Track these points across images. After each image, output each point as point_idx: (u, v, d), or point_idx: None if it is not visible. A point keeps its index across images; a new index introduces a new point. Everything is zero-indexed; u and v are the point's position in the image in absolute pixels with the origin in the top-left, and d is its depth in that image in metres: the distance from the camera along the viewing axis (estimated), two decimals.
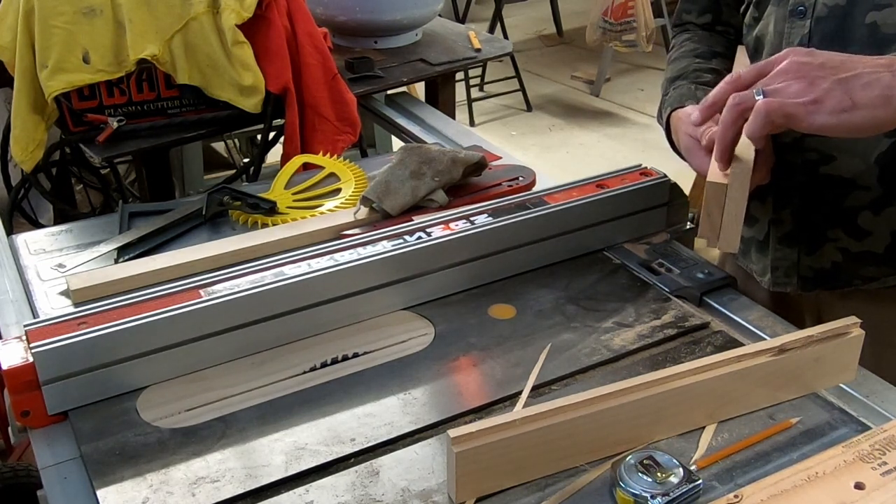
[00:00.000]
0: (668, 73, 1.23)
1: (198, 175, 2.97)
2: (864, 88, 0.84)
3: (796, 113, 0.85)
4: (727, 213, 0.92)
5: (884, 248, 1.07)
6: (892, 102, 0.84)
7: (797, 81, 0.86)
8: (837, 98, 0.84)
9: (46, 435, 0.92)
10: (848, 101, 0.84)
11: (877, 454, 0.79)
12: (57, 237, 1.30)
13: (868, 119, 0.84)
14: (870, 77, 0.84)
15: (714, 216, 0.92)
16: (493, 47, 2.32)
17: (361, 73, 2.04)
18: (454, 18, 5.09)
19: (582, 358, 1.01)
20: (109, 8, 1.69)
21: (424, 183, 1.27)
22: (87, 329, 0.93)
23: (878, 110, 0.84)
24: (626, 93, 5.05)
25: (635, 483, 0.79)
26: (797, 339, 0.88)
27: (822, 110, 0.84)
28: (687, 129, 1.06)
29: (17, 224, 2.19)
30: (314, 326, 1.05)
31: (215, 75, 1.77)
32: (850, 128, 0.85)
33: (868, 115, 0.84)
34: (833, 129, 0.86)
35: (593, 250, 1.22)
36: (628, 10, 4.60)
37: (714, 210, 0.92)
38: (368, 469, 0.86)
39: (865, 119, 0.84)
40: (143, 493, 0.83)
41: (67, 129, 1.77)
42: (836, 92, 0.84)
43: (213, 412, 0.93)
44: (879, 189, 1.04)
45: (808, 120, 0.85)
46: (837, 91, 0.84)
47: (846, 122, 0.84)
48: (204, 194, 1.33)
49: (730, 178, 0.91)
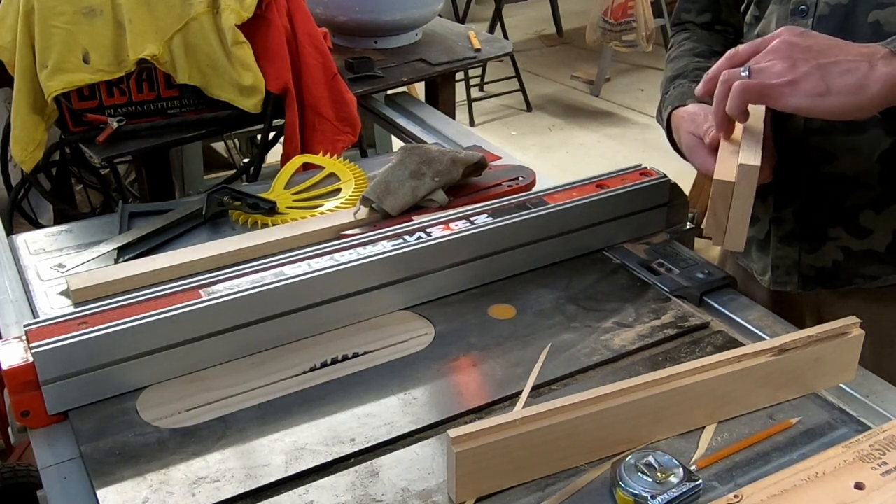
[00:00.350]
0: (667, 72, 1.23)
1: (198, 175, 2.97)
2: (841, 76, 0.86)
3: (771, 94, 0.88)
4: (734, 212, 0.91)
5: (885, 247, 1.07)
6: (865, 92, 0.86)
7: (781, 61, 0.89)
8: (814, 82, 0.87)
9: (46, 435, 0.92)
10: (823, 86, 0.87)
11: (877, 454, 0.79)
12: (57, 237, 1.30)
13: (840, 105, 0.87)
14: (849, 65, 0.87)
15: (720, 215, 0.92)
16: (493, 47, 2.32)
17: (361, 73, 2.04)
18: (454, 18, 5.09)
19: (582, 358, 1.01)
20: (109, 8, 1.69)
21: (424, 183, 1.27)
22: (87, 329, 0.93)
23: (851, 97, 0.86)
24: (626, 93, 5.04)
25: (635, 483, 0.79)
26: (797, 339, 0.88)
27: (797, 92, 0.87)
28: (689, 127, 1.06)
29: (17, 224, 2.19)
30: (314, 326, 1.05)
31: (215, 75, 1.77)
32: (822, 112, 0.88)
33: (841, 101, 0.87)
34: (806, 111, 0.89)
35: (593, 250, 1.22)
36: (628, 10, 4.60)
37: (720, 208, 0.92)
38: (368, 469, 0.86)
39: (837, 105, 0.87)
40: (143, 493, 0.83)
41: (67, 129, 1.77)
42: (813, 76, 0.87)
43: (213, 412, 0.93)
44: (881, 188, 1.04)
45: (782, 100, 0.88)
46: (815, 75, 0.87)
47: (819, 106, 0.87)
48: (204, 194, 1.33)
49: (737, 176, 0.90)
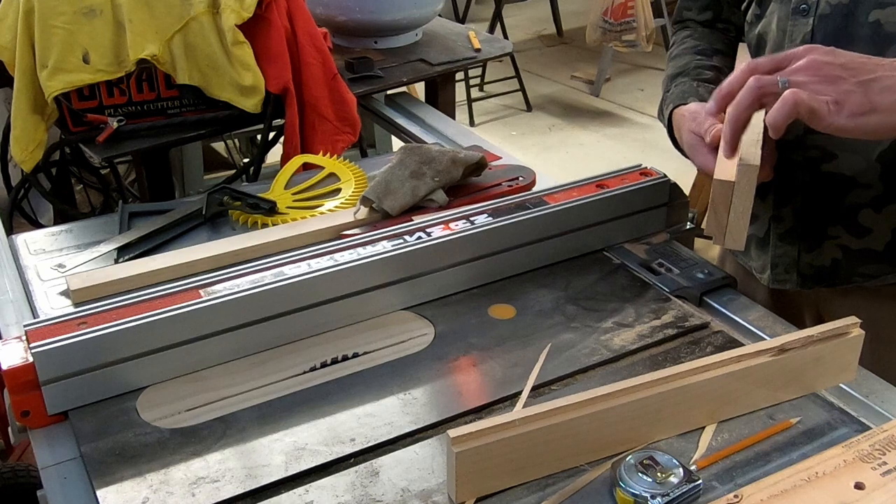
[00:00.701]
0: (668, 70, 1.23)
1: (198, 175, 2.97)
2: (882, 92, 0.85)
3: (820, 110, 0.85)
4: (734, 211, 0.91)
5: (884, 246, 1.07)
6: None
7: (819, 79, 0.86)
8: (858, 101, 0.85)
9: (46, 435, 0.92)
10: (867, 104, 0.85)
11: (877, 454, 0.79)
12: (57, 237, 1.30)
13: (883, 123, 0.85)
14: (889, 81, 0.85)
15: (721, 214, 0.92)
16: (493, 47, 2.32)
17: (361, 73, 2.04)
18: (454, 18, 5.10)
19: (582, 358, 1.00)
20: (109, 8, 1.69)
21: (424, 183, 1.27)
22: (87, 329, 0.93)
23: (894, 115, 0.85)
24: (626, 93, 5.04)
25: (635, 483, 0.79)
26: (797, 339, 0.88)
27: (843, 112, 0.85)
28: (690, 126, 1.05)
29: (17, 224, 2.19)
30: (314, 326, 1.05)
31: (215, 75, 1.77)
32: (866, 131, 0.86)
33: (884, 119, 0.85)
34: (850, 132, 0.86)
35: (593, 250, 1.22)
36: (628, 10, 4.60)
37: (721, 208, 0.92)
38: (368, 469, 0.86)
39: (881, 123, 0.85)
40: (143, 493, 0.83)
41: (67, 129, 1.77)
42: (856, 94, 0.85)
43: (213, 412, 0.93)
44: (881, 187, 1.04)
45: (828, 119, 0.86)
46: (858, 93, 0.85)
47: (863, 125, 0.85)
48: (204, 194, 1.33)
49: (737, 175, 0.90)
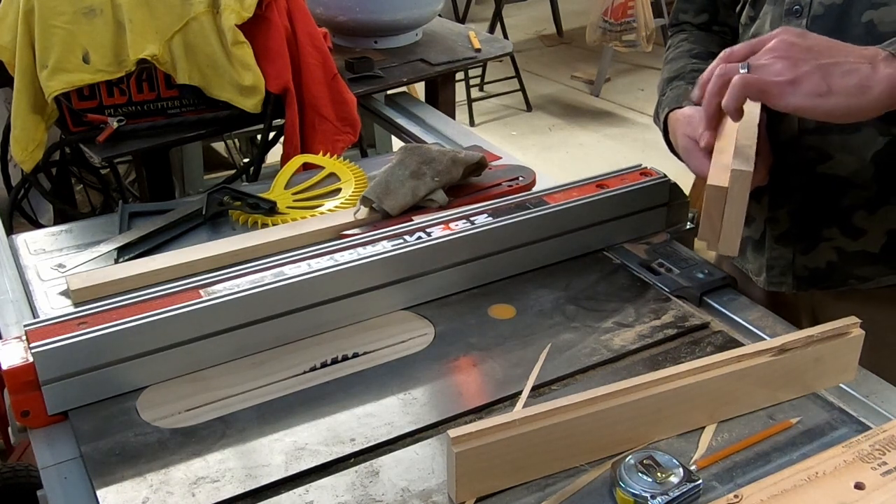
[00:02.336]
0: (664, 74, 1.23)
1: (198, 175, 2.97)
2: (843, 76, 0.86)
3: (771, 91, 0.87)
4: (727, 217, 0.91)
5: (879, 248, 1.07)
6: (866, 93, 0.85)
7: (781, 60, 0.88)
8: (815, 82, 0.86)
9: (46, 435, 0.92)
10: (824, 86, 0.86)
11: (877, 454, 0.79)
12: (57, 237, 1.30)
13: (841, 106, 0.86)
14: (850, 66, 0.86)
15: (714, 219, 0.92)
16: (493, 47, 2.32)
17: (361, 73, 2.04)
18: (454, 18, 5.10)
19: (582, 358, 1.01)
20: (109, 8, 1.69)
21: (424, 183, 1.27)
22: (87, 329, 0.93)
23: (852, 99, 0.86)
24: (626, 93, 5.04)
25: (635, 483, 0.79)
26: (797, 339, 0.88)
27: (798, 91, 0.86)
28: (685, 129, 1.06)
29: (17, 224, 2.19)
30: (314, 326, 1.05)
31: (215, 75, 1.77)
32: (822, 113, 0.87)
33: (841, 102, 0.86)
34: (806, 111, 0.88)
35: (593, 250, 1.22)
36: (628, 10, 4.60)
37: (714, 213, 0.92)
38: (368, 469, 0.86)
39: (838, 106, 0.86)
40: (143, 493, 0.83)
41: (67, 129, 1.77)
42: (814, 76, 0.86)
43: (213, 412, 0.93)
44: (875, 188, 1.04)
45: (783, 99, 0.87)
46: (816, 75, 0.86)
47: (820, 106, 0.86)
48: (204, 194, 1.33)
49: (730, 181, 0.90)
